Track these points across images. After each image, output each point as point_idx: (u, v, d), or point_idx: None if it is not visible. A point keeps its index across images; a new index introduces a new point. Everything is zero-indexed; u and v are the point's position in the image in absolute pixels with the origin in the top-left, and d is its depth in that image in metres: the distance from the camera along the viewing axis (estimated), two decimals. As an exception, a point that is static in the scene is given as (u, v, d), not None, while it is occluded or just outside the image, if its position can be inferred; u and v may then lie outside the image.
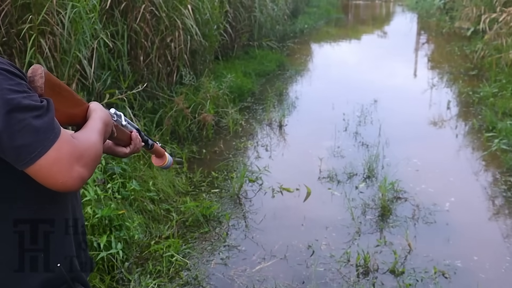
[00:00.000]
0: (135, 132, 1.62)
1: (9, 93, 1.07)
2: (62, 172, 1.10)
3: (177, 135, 5.93)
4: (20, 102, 1.07)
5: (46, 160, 1.08)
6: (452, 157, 5.55)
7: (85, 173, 1.16)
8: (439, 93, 8.24)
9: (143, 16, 6.12)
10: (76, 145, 1.15)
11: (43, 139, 1.08)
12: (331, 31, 15.41)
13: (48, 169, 1.09)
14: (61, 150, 1.10)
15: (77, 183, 1.14)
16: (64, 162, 1.10)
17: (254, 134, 6.28)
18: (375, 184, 4.85)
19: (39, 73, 1.17)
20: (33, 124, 1.07)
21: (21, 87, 1.10)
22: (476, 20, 12.21)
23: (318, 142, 5.97)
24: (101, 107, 1.39)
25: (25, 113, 1.07)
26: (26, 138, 1.06)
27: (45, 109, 1.11)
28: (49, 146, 1.09)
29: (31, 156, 1.07)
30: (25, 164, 1.08)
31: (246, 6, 10.14)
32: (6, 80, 1.08)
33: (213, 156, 5.57)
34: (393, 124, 6.46)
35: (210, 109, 6.20)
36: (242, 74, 8.38)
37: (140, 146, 1.67)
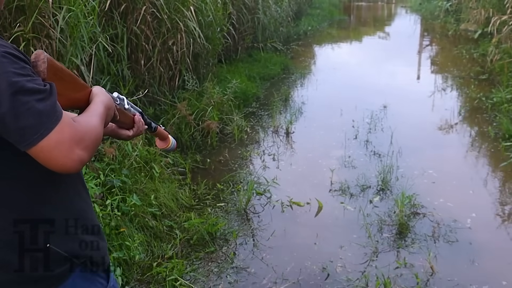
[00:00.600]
0: (138, 115, 1.65)
1: (14, 76, 1.10)
2: (62, 154, 1.14)
3: (179, 144, 5.65)
4: (24, 85, 1.11)
5: (48, 142, 1.12)
6: (469, 168, 5.27)
7: (85, 155, 1.19)
8: (450, 98, 7.97)
9: (144, 18, 5.85)
10: (77, 129, 1.19)
11: (45, 122, 1.12)
12: (335, 33, 15.14)
13: (50, 151, 1.13)
14: (62, 133, 1.14)
15: (77, 165, 1.17)
16: (65, 145, 1.14)
17: (260, 142, 6.00)
18: (390, 197, 4.57)
19: (41, 58, 1.21)
20: (36, 107, 1.11)
21: (25, 71, 1.14)
22: (484, 22, 11.95)
23: (328, 151, 5.70)
24: (103, 91, 1.44)
25: (29, 96, 1.11)
26: (29, 120, 1.10)
27: (48, 92, 1.15)
28: (51, 128, 1.13)
29: (33, 137, 1.11)
30: (28, 145, 1.12)
31: (250, 7, 9.87)
32: (11, 63, 1.12)
33: (217, 166, 5.30)
34: (405, 131, 6.19)
35: (214, 115, 5.93)
36: (246, 78, 8.10)
37: (143, 129, 1.69)
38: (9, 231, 1.28)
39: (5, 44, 1.16)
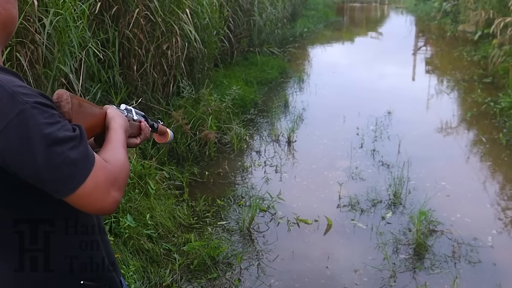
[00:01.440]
0: (143, 122, 1.63)
1: (46, 127, 1.09)
2: (99, 198, 1.14)
3: (175, 155, 5.34)
4: (57, 135, 1.10)
5: (84, 189, 1.12)
6: (484, 179, 4.97)
7: (119, 196, 1.20)
8: (456, 103, 7.70)
9: (137, 21, 5.53)
10: (110, 170, 1.19)
11: (80, 170, 1.11)
12: (332, 34, 14.84)
13: (87, 197, 1.13)
14: (97, 178, 1.14)
15: (113, 207, 1.18)
16: (101, 189, 1.14)
17: (260, 152, 5.67)
18: (403, 212, 4.27)
19: (64, 98, 1.21)
20: (70, 156, 1.10)
21: (54, 119, 1.12)
22: (484, 24, 11.69)
23: (333, 162, 5.38)
24: (118, 112, 1.42)
25: (62, 146, 1.09)
26: (65, 171, 1.09)
27: (78, 138, 1.14)
28: (86, 175, 1.12)
29: (70, 186, 1.11)
30: (65, 194, 1.11)
31: (245, 10, 9.55)
32: (41, 113, 1.10)
33: (217, 179, 4.97)
34: (412, 139, 5.89)
35: (212, 125, 5.60)
36: (243, 83, 7.79)
37: (148, 134, 1.66)
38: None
39: (31, 93, 1.12)
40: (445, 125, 6.50)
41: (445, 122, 6.62)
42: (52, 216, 1.26)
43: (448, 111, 7.18)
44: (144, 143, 5.06)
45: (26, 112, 1.08)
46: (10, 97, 1.09)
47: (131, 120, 1.56)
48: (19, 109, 1.08)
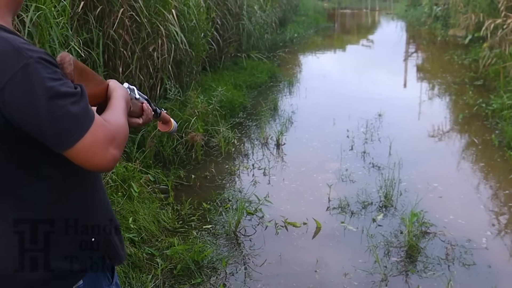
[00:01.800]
0: (146, 104, 1.65)
1: (48, 81, 1.14)
2: (98, 154, 1.18)
3: (161, 158, 5.20)
4: (59, 89, 1.14)
5: (83, 143, 1.16)
6: (477, 180, 4.86)
7: (117, 154, 1.23)
8: (447, 105, 7.62)
9: (122, 21, 5.40)
10: (109, 128, 1.22)
11: (80, 124, 1.16)
12: (322, 40, 14.76)
13: (85, 152, 1.17)
14: (96, 134, 1.18)
15: (111, 164, 1.22)
16: (99, 145, 1.18)
17: (248, 155, 5.54)
18: (395, 214, 4.15)
19: (67, 60, 1.24)
20: (71, 110, 1.14)
21: (57, 75, 1.17)
22: (474, 27, 11.65)
23: (323, 164, 5.26)
24: (119, 85, 1.46)
25: (64, 100, 1.14)
26: (65, 124, 1.14)
27: (79, 95, 1.18)
28: (86, 130, 1.16)
29: (70, 140, 1.15)
30: (64, 147, 1.16)
31: (234, 13, 9.45)
32: (45, 68, 1.15)
33: (203, 182, 4.83)
34: (403, 141, 5.78)
35: (198, 127, 5.47)
36: (232, 87, 7.66)
37: (151, 116, 1.68)
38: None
39: (36, 49, 1.17)
40: (437, 127, 6.39)
41: (437, 124, 6.51)
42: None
43: (440, 113, 7.10)
44: (128, 146, 4.93)
45: (30, 66, 1.13)
46: (16, 52, 1.14)
47: (134, 98, 1.58)
48: (23, 62, 1.13)
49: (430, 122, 6.56)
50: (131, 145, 4.98)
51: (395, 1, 28.75)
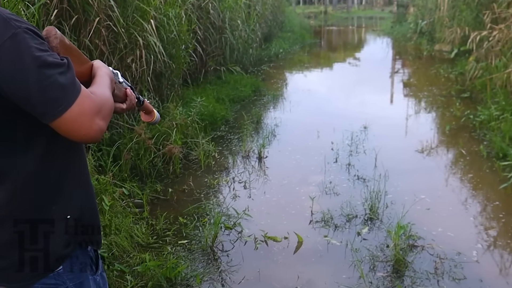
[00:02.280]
0: (129, 89, 1.65)
1: (36, 51, 1.14)
2: (84, 124, 1.19)
3: (138, 171, 4.98)
4: (46, 59, 1.15)
5: (70, 114, 1.16)
6: (466, 191, 4.68)
7: (103, 125, 1.24)
8: (435, 117, 7.45)
9: (98, 31, 5.21)
10: (95, 100, 1.24)
11: (68, 94, 1.16)
12: (307, 56, 14.61)
13: (72, 122, 1.17)
14: (83, 105, 1.18)
15: (98, 134, 1.22)
16: (86, 116, 1.19)
17: (229, 168, 5.33)
18: (380, 227, 3.95)
19: (53, 34, 1.26)
20: (59, 80, 1.15)
21: (44, 46, 1.18)
22: (460, 41, 11.59)
23: (306, 177, 5.06)
24: (103, 64, 1.48)
25: (51, 70, 1.15)
26: (53, 93, 1.15)
27: (66, 66, 1.19)
28: (73, 100, 1.17)
29: (57, 109, 1.15)
30: (52, 117, 1.16)
31: (217, 27, 9.29)
32: (33, 39, 1.16)
33: (181, 196, 4.62)
34: (390, 153, 5.59)
35: (177, 139, 5.26)
36: (214, 100, 7.47)
37: (134, 102, 1.67)
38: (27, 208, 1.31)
39: (23, 21, 1.18)
40: (424, 138, 6.22)
41: (424, 135, 6.34)
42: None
43: (427, 125, 6.94)
44: (104, 159, 4.72)
45: (19, 36, 1.14)
46: (4, 21, 1.15)
47: (117, 82, 1.56)
48: (12, 32, 1.14)
49: (417, 134, 6.41)
50: (106, 158, 4.77)
51: (381, 18, 28.87)
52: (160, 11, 6.32)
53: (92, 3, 5.08)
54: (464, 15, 11.43)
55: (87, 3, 5.10)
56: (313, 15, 31.58)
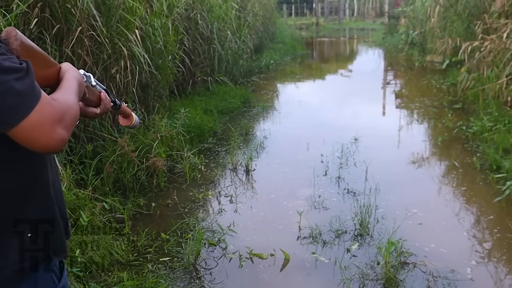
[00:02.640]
0: (104, 93, 1.60)
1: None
2: (44, 134, 1.11)
3: (121, 185, 4.82)
4: (2, 64, 1.07)
5: (28, 122, 1.08)
6: (459, 205, 4.53)
7: (65, 134, 1.16)
8: (427, 128, 7.32)
9: (81, 41, 5.07)
10: (56, 107, 1.15)
11: (25, 102, 1.09)
12: (298, 67, 14.49)
13: (31, 131, 1.09)
14: (42, 113, 1.11)
15: (59, 145, 1.14)
16: (45, 125, 1.11)
17: (215, 181, 5.17)
18: (371, 243, 3.79)
19: (13, 35, 1.18)
20: (15, 86, 1.08)
21: (1, 49, 1.10)
22: (451, 52, 11.52)
23: (294, 191, 4.90)
24: (73, 67, 1.39)
25: (7, 75, 1.07)
26: (9, 100, 1.06)
27: (25, 71, 1.11)
28: (31, 108, 1.09)
29: (14, 117, 1.07)
30: (8, 126, 1.08)
31: (205, 37, 9.16)
32: None
33: (164, 211, 4.45)
34: (381, 165, 5.46)
35: (161, 152, 5.10)
36: (202, 111, 7.33)
37: (109, 106, 1.63)
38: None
39: None
40: (416, 150, 6.08)
41: (416, 147, 6.21)
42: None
43: (419, 137, 6.81)
44: (86, 172, 4.56)
45: None
46: None
47: (89, 85, 1.50)
48: None
49: (408, 146, 6.27)
50: (88, 171, 4.60)
51: (372, 29, 28.89)
52: (145, 21, 6.19)
53: (74, 12, 4.95)
54: (455, 26, 11.37)
55: (69, 12, 4.97)
56: (304, 26, 31.58)
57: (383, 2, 31.39)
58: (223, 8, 9.95)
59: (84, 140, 5.07)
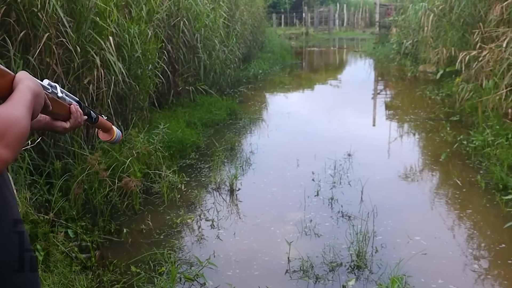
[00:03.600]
0: (74, 105, 1.49)
1: None
2: None
3: (92, 208, 4.34)
4: None
5: None
6: (466, 231, 4.07)
7: (7, 154, 1.02)
8: (424, 143, 6.86)
9: (49, 48, 4.60)
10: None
11: None
12: (288, 77, 14.03)
13: None
14: None
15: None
16: None
17: (196, 203, 4.68)
18: (370, 278, 3.33)
19: None
20: None
21: None
22: (446, 62, 11.14)
23: (282, 214, 4.43)
24: (29, 76, 1.22)
25: None
26: None
27: None
28: None
29: None
30: None
31: (191, 45, 8.70)
32: None
33: (137, 238, 3.97)
34: (377, 185, 5.02)
35: (136, 171, 4.63)
36: (185, 124, 6.86)
37: (81, 119, 1.52)
38: None
39: None
40: (413, 167, 5.65)
41: (413, 163, 5.77)
42: None
43: (416, 152, 6.37)
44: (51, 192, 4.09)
45: None
46: None
47: (55, 96, 1.37)
48: None
49: (406, 162, 5.81)
50: (55, 191, 4.12)
51: (362, 39, 28.58)
52: (122, 27, 5.72)
53: (41, 17, 4.48)
54: (449, 35, 11.00)
55: (35, 17, 4.50)
56: (294, 36, 31.19)
57: (373, 12, 31.09)
58: (211, 16, 9.51)
59: (53, 157, 4.59)
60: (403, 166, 5.68)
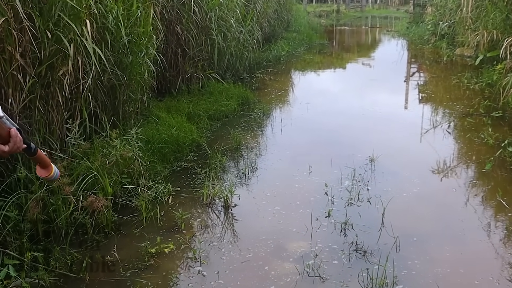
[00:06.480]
0: (14, 130, 1.51)
1: None
2: None
3: (54, 230, 3.58)
4: None
5: None
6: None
7: None
8: (462, 147, 5.83)
9: (9, 35, 3.83)
10: None
11: None
12: (313, 59, 13.01)
13: None
14: None
15: None
16: None
17: (180, 225, 3.85)
18: None
19: None
20: None
21: None
22: (486, 46, 10.05)
23: (282, 245, 3.55)
24: None
25: None
26: None
27: None
28: None
29: None
30: None
31: (203, 26, 7.85)
32: None
33: (98, 274, 3.20)
34: (402, 205, 4.14)
35: (106, 185, 3.83)
36: (186, 118, 6.05)
37: (20, 145, 1.55)
38: None
39: None
40: (448, 181, 4.72)
41: (448, 176, 4.85)
42: None
43: (451, 160, 5.36)
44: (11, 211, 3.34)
45: None
46: None
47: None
48: None
49: (439, 174, 4.89)
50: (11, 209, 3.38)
51: (396, 18, 27.30)
52: (105, 7, 4.88)
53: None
54: (491, 17, 9.90)
55: (-9, -2, 3.72)
56: (324, 13, 30.04)
57: (408, -12, 29.73)
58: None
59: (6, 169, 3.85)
60: (436, 178, 4.78)
